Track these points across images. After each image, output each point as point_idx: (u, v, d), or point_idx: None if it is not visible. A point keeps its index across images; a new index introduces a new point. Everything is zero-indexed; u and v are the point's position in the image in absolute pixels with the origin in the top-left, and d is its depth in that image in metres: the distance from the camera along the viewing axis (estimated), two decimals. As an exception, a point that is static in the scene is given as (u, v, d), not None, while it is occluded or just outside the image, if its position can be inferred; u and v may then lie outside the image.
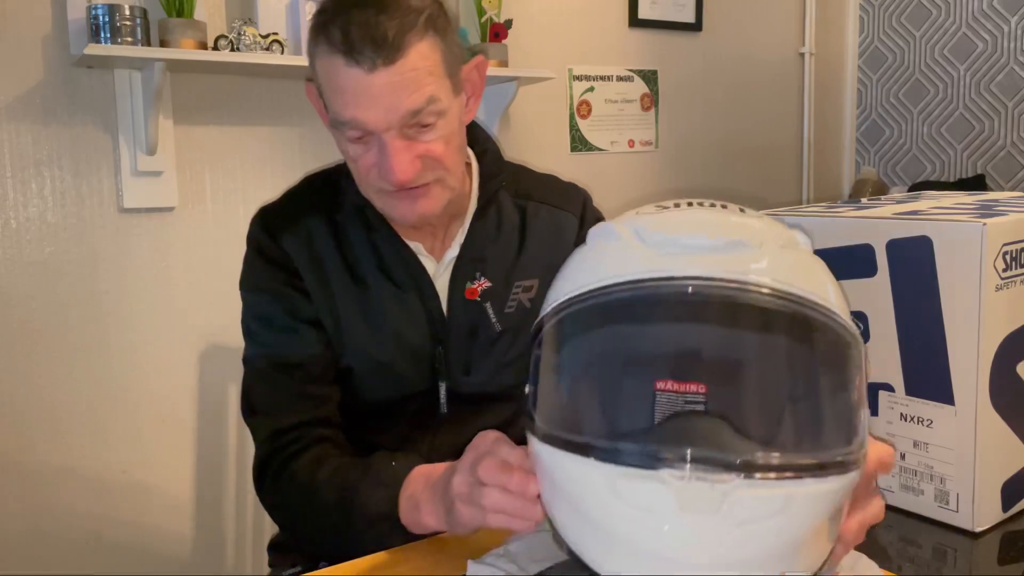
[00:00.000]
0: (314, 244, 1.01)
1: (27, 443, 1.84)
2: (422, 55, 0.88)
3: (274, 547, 1.18)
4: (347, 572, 0.83)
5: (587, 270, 0.65)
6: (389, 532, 0.84)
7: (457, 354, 1.03)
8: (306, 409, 0.98)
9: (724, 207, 0.67)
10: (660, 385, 0.68)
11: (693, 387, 0.67)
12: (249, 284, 1.03)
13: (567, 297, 0.64)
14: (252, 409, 1.00)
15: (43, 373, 1.85)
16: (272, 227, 1.02)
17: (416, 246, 1.01)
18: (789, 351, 0.64)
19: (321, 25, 0.89)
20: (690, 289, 0.59)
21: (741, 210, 0.67)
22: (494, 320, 1.04)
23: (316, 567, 0.85)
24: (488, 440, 0.74)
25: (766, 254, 0.61)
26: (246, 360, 1.02)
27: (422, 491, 0.82)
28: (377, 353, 1.01)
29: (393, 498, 0.84)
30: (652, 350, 0.68)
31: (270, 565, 1.17)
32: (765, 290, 0.59)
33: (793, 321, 0.61)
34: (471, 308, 1.03)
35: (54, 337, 1.85)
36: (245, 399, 1.01)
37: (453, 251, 1.03)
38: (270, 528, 1.24)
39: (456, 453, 1.05)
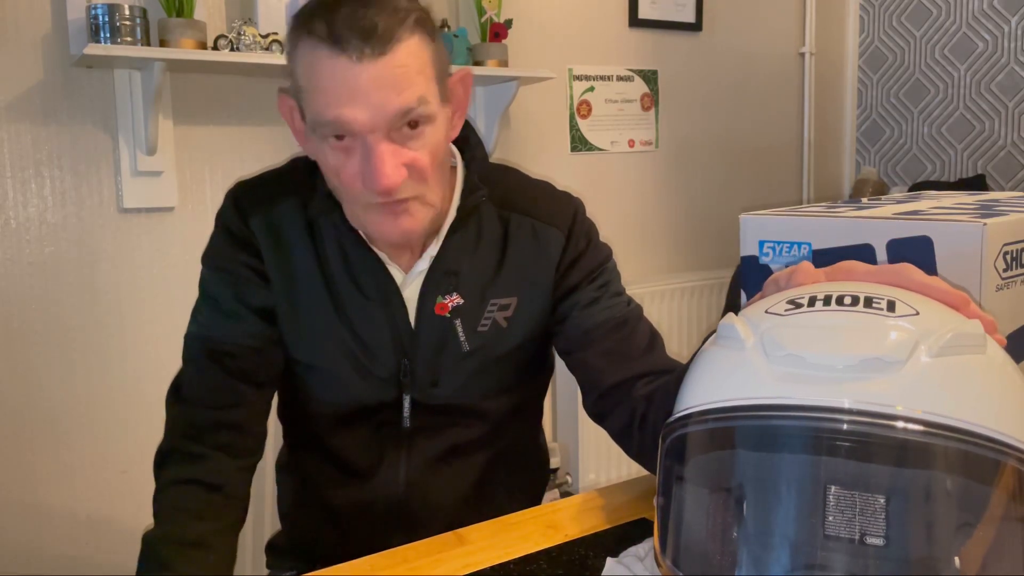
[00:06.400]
0: (284, 229, 0.97)
1: (27, 443, 1.84)
2: (411, 52, 0.83)
3: (271, 548, 1.17)
4: (347, 572, 0.83)
5: (709, 382, 0.60)
6: None
7: (424, 368, 0.98)
8: (225, 404, 0.94)
9: (869, 302, 0.57)
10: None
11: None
12: (208, 260, 1.00)
13: (683, 413, 0.60)
14: (178, 391, 0.97)
15: (43, 373, 1.85)
16: (243, 205, 0.99)
17: (383, 255, 0.96)
18: (929, 515, 0.53)
19: (302, 21, 0.84)
20: (814, 423, 0.52)
21: (890, 303, 0.57)
22: (463, 339, 0.98)
23: (314, 568, 0.85)
24: None
25: (910, 373, 0.52)
26: (185, 338, 0.99)
27: None
28: (337, 349, 0.97)
29: None
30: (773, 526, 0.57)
31: (267, 566, 1.17)
32: (901, 424, 0.50)
33: (941, 462, 0.52)
34: (440, 324, 0.97)
35: (54, 337, 1.85)
36: (175, 380, 0.98)
37: (424, 263, 0.97)
38: (268, 529, 1.24)
39: (428, 469, 1.02)
